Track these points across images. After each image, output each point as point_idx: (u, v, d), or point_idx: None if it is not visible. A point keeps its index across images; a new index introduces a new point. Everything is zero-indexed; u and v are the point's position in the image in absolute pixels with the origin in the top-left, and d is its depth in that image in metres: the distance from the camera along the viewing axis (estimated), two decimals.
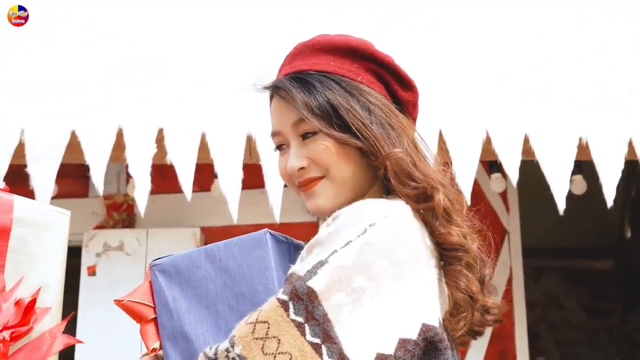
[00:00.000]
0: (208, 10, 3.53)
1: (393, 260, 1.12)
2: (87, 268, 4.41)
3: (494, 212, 5.04)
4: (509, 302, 4.91)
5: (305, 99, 1.28)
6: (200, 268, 1.31)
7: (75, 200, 4.67)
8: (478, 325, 1.25)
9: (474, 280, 1.21)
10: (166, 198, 4.12)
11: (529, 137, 3.08)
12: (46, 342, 1.50)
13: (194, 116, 3.15)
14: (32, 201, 1.55)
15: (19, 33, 3.30)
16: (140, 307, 1.40)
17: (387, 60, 1.36)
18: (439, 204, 1.20)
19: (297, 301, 1.10)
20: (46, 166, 3.05)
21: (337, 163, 1.28)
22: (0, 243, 1.46)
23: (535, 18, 3.50)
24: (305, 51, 1.36)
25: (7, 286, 1.45)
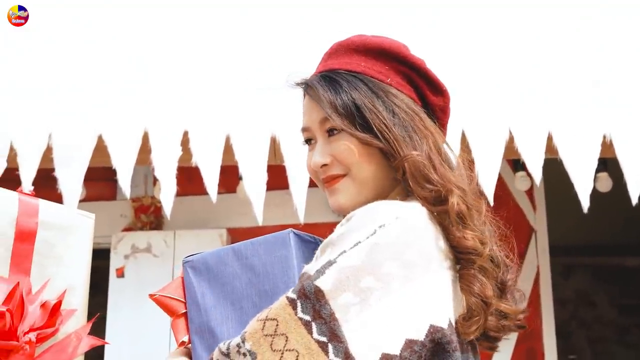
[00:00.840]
0: (230, 13, 3.55)
1: (402, 261, 1.13)
2: (116, 270, 4.46)
3: (520, 210, 5.02)
4: (536, 300, 4.88)
5: (331, 97, 1.30)
6: (228, 265, 1.34)
7: (104, 203, 4.72)
8: (494, 331, 1.25)
9: (488, 285, 1.21)
10: (193, 200, 4.13)
11: (552, 135, 3.06)
12: (72, 343, 1.52)
13: (219, 118, 3.18)
14: (57, 205, 1.58)
15: (41, 40, 3.36)
16: (172, 301, 1.44)
17: (418, 63, 1.36)
18: (452, 207, 1.20)
19: (305, 300, 1.11)
20: (74, 170, 3.10)
21: (359, 162, 1.30)
22: (27, 246, 1.49)
23: (556, 16, 3.48)
24: (340, 50, 1.39)
25: (34, 289, 1.48)
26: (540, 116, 3.12)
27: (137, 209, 4.69)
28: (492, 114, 3.15)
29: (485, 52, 3.38)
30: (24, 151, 3.09)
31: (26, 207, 1.49)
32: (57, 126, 3.16)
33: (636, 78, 3.26)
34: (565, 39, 3.39)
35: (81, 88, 3.27)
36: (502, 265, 1.28)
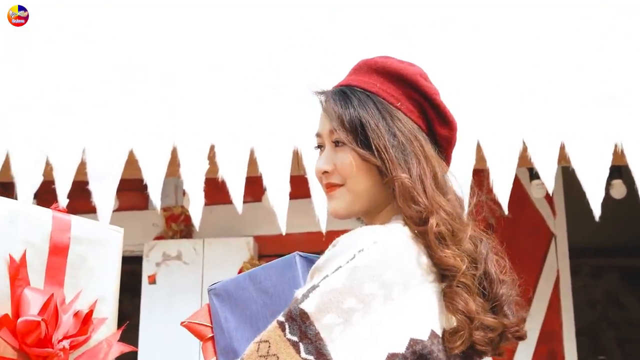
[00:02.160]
0: (251, 30, 3.58)
1: (382, 281, 1.19)
2: (148, 277, 4.52)
3: (540, 215, 5.02)
4: (557, 302, 4.87)
5: (340, 112, 1.36)
6: (245, 290, 1.42)
7: (136, 213, 4.77)
8: (480, 345, 1.27)
9: (470, 301, 1.24)
10: (221, 209, 4.16)
11: (565, 144, 3.07)
12: (103, 350, 1.57)
13: (243, 133, 3.22)
14: (88, 220, 1.63)
15: (73, 62, 3.42)
16: (200, 327, 1.52)
17: (430, 93, 1.39)
18: (431, 228, 1.25)
19: (292, 322, 1.17)
20: (107, 184, 3.15)
21: (356, 176, 1.35)
22: (60, 260, 1.54)
23: (568, 29, 3.48)
24: (363, 68, 1.44)
25: (67, 299, 1.52)
26: (553, 126, 3.12)
27: (168, 218, 4.75)
28: (506, 124, 3.16)
29: (500, 66, 3.39)
30: (59, 166, 3.16)
31: (60, 223, 1.55)
32: (91, 142, 3.22)
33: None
34: (576, 52, 3.39)
35: (113, 106, 3.33)
36: (496, 281, 1.32)
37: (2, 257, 1.43)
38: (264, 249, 4.61)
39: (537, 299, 4.83)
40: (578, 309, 7.30)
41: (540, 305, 4.82)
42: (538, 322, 4.78)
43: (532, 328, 4.76)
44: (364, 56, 1.47)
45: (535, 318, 4.77)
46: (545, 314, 4.83)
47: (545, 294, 4.88)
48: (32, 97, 3.37)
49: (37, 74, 3.42)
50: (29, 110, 3.32)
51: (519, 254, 4.90)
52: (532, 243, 4.98)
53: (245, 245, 4.51)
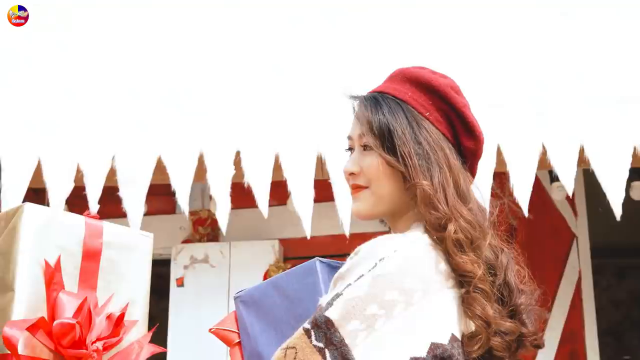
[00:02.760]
0: (275, 38, 3.61)
1: (402, 288, 1.21)
2: (176, 279, 4.57)
3: (561, 217, 5.00)
4: (579, 302, 4.85)
5: (370, 117, 1.40)
6: (269, 296, 1.46)
7: (164, 217, 4.81)
8: (499, 350, 1.29)
9: (488, 306, 1.26)
10: (247, 212, 4.19)
11: (584, 147, 3.07)
12: (135, 351, 1.61)
13: (268, 139, 3.25)
14: (119, 226, 1.66)
15: (103, 72, 3.46)
16: (227, 333, 1.55)
17: (459, 106, 1.41)
18: (449, 235, 1.27)
19: (318, 329, 1.20)
20: (136, 190, 3.19)
21: (380, 180, 1.38)
22: (93, 264, 1.58)
23: (585, 34, 3.47)
24: (398, 77, 1.47)
25: (100, 302, 1.55)
26: (572, 129, 3.12)
27: (195, 222, 4.79)
28: (526, 128, 3.17)
29: (519, 70, 3.39)
30: (90, 172, 3.21)
31: (92, 229, 1.58)
32: (120, 149, 3.27)
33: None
34: (595, 55, 3.38)
35: (141, 113, 3.37)
36: (515, 290, 1.34)
37: (38, 263, 1.47)
38: (289, 252, 4.64)
39: (559, 300, 4.82)
40: (602, 310, 7.26)
41: (562, 306, 4.81)
42: (560, 322, 4.76)
43: (554, 328, 4.74)
44: (390, 61, 1.49)
45: (557, 318, 4.75)
46: (567, 314, 4.81)
47: (567, 295, 4.86)
48: (62, 105, 3.41)
49: (69, 83, 3.47)
50: (60, 118, 3.37)
51: (541, 255, 4.90)
52: (554, 244, 4.96)
53: (271, 248, 4.54)
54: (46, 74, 3.51)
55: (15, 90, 3.45)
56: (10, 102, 3.39)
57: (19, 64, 3.55)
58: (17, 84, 3.47)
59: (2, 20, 3.32)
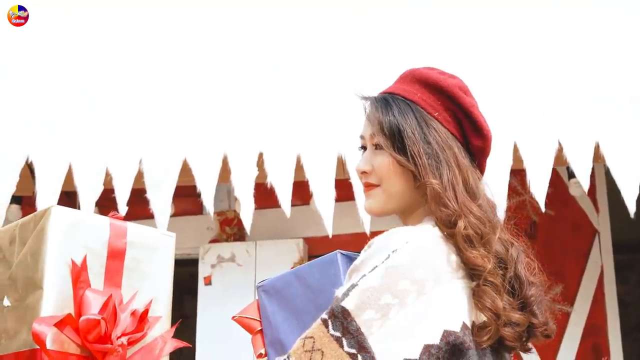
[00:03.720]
0: (294, 41, 3.64)
1: (414, 278, 1.24)
2: (204, 278, 4.62)
3: (583, 213, 4.98)
4: (601, 297, 4.82)
5: (381, 118, 1.42)
6: (292, 287, 1.49)
7: (191, 217, 4.85)
8: (510, 340, 1.31)
9: (497, 298, 1.29)
10: (272, 212, 4.21)
11: (600, 144, 3.07)
12: (159, 345, 1.64)
13: (290, 140, 3.29)
14: (142, 226, 1.69)
15: (131, 74, 3.52)
16: (250, 321, 1.60)
17: (467, 106, 1.44)
18: (459, 231, 1.30)
19: (335, 319, 1.23)
20: (163, 192, 3.24)
21: (391, 178, 1.41)
22: (117, 263, 1.62)
23: (599, 33, 3.46)
24: (407, 77, 1.49)
25: (124, 299, 1.59)
26: (588, 126, 3.12)
27: (222, 222, 4.83)
28: (542, 125, 3.17)
29: (535, 68, 3.39)
30: (118, 176, 3.27)
31: (116, 229, 1.62)
32: (147, 152, 3.32)
33: None
34: (609, 52, 3.37)
35: (167, 118, 3.42)
36: (526, 283, 1.36)
37: (65, 262, 1.51)
38: (313, 250, 4.66)
39: (581, 295, 4.79)
40: (633, 305, 7.18)
41: (585, 301, 4.78)
42: (582, 317, 4.74)
43: (576, 323, 4.72)
44: (407, 62, 1.51)
45: (579, 313, 4.74)
46: (589, 309, 4.78)
47: (589, 290, 4.83)
48: (92, 111, 3.47)
49: (94, 90, 3.52)
50: (90, 124, 3.43)
51: (563, 250, 4.88)
52: (576, 239, 4.94)
53: (295, 247, 4.57)
54: (74, 80, 3.57)
55: (43, 98, 3.51)
56: (41, 110, 3.45)
57: (45, 70, 3.61)
58: (44, 91, 3.54)
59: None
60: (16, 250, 1.60)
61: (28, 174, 3.47)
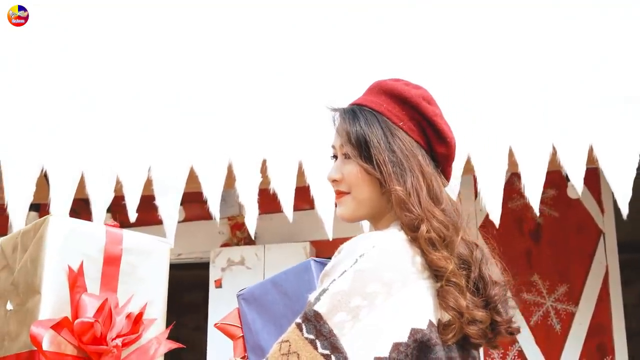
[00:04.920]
0: (297, 49, 3.68)
1: (382, 280, 1.29)
2: (215, 281, 4.68)
3: (588, 214, 4.97)
4: (606, 297, 4.81)
5: (348, 129, 1.48)
6: (269, 294, 1.56)
7: (204, 222, 4.84)
8: (474, 337, 1.36)
9: (461, 298, 1.33)
10: (280, 216, 4.22)
11: (593, 147, 3.09)
12: (153, 347, 1.70)
13: (292, 147, 3.33)
14: (138, 233, 1.76)
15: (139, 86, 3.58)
16: (231, 327, 1.67)
17: (429, 115, 1.49)
18: (422, 234, 1.35)
19: (308, 323, 1.28)
20: (171, 198, 3.31)
21: (359, 186, 1.47)
22: (113, 269, 1.68)
23: (591, 30, 3.46)
24: (375, 89, 1.54)
25: (120, 303, 1.66)
26: (581, 130, 3.13)
27: (233, 227, 4.89)
28: (536, 130, 3.19)
29: (529, 74, 3.40)
30: (128, 183, 3.34)
31: (112, 237, 1.69)
32: (155, 160, 3.38)
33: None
34: (601, 56, 3.37)
35: (175, 127, 3.47)
36: (490, 283, 1.41)
37: (63, 268, 1.58)
38: (320, 253, 4.69)
39: (586, 295, 4.79)
40: None
41: (589, 301, 4.78)
42: (587, 317, 4.74)
43: (581, 322, 4.72)
44: (405, 65, 1.54)
45: (584, 313, 4.73)
46: (594, 309, 4.77)
47: (594, 290, 4.82)
48: (102, 123, 3.54)
49: (106, 104, 3.60)
50: (100, 134, 3.50)
51: (567, 251, 4.88)
52: (581, 240, 4.93)
53: (302, 250, 4.61)
54: (85, 92, 3.64)
55: (55, 110, 3.59)
56: (54, 123, 3.53)
57: (54, 80, 3.68)
58: (56, 103, 3.61)
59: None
60: (18, 257, 1.67)
61: (44, 183, 3.55)
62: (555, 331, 4.70)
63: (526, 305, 4.70)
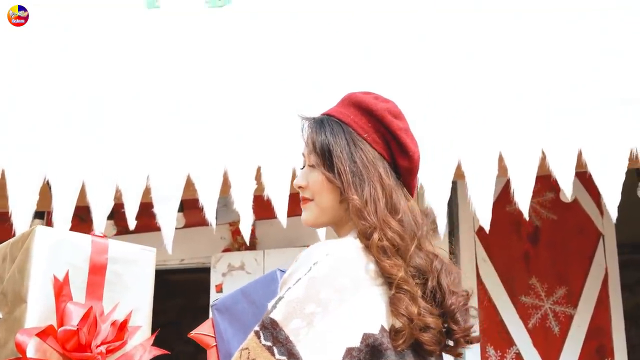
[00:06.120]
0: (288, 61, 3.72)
1: (335, 287, 1.33)
2: (215, 286, 4.71)
3: (587, 216, 4.97)
4: (606, 299, 4.82)
5: (314, 138, 1.54)
6: (239, 304, 1.61)
7: (205, 228, 4.88)
8: (428, 344, 1.39)
9: (412, 305, 1.37)
10: (279, 222, 4.29)
11: (582, 152, 3.10)
12: (138, 353, 1.75)
13: (286, 155, 3.36)
14: (123, 242, 1.81)
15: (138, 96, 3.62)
16: (205, 337, 1.71)
17: (393, 129, 1.53)
18: (373, 242, 1.39)
19: (265, 330, 1.33)
20: (169, 205, 3.35)
21: (322, 194, 1.52)
22: (99, 277, 1.73)
23: (580, 36, 3.47)
24: (345, 101, 1.60)
25: (105, 311, 1.71)
26: (570, 135, 3.14)
27: (234, 232, 4.90)
28: (526, 136, 3.20)
29: (518, 79, 3.41)
30: (127, 192, 3.38)
31: (98, 246, 1.74)
32: (154, 169, 3.41)
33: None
34: (589, 63, 3.38)
35: (171, 136, 3.49)
36: (447, 292, 1.44)
37: (48, 278, 1.63)
38: None
39: (585, 297, 4.79)
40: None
41: (589, 303, 4.77)
42: (586, 319, 4.73)
43: (579, 325, 4.72)
44: (394, 73, 1.53)
45: (582, 315, 4.73)
46: (593, 311, 4.76)
47: (594, 292, 4.82)
48: (102, 133, 3.58)
49: (103, 115, 3.64)
50: (101, 145, 3.54)
51: (566, 254, 4.88)
52: (580, 243, 4.93)
53: None
54: (85, 105, 3.69)
55: (54, 120, 3.65)
56: (55, 135, 3.58)
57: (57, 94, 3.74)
58: (55, 115, 3.67)
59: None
60: (7, 266, 1.72)
61: (48, 191, 3.61)
62: (553, 333, 4.70)
63: (524, 308, 4.70)
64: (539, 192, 4.72)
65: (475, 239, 4.68)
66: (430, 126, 3.30)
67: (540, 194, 4.78)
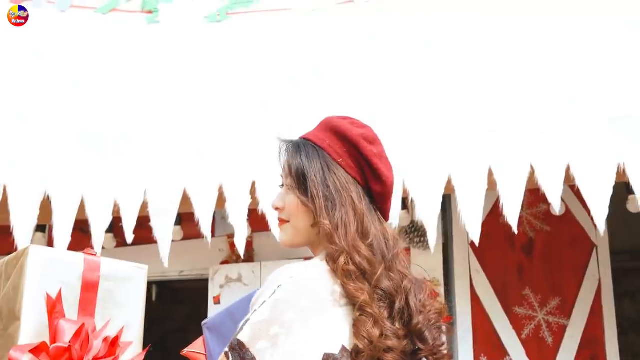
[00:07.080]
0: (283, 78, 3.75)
1: (299, 308, 1.37)
2: (213, 297, 4.74)
3: (581, 227, 4.99)
4: (599, 309, 4.83)
5: (290, 161, 1.56)
6: (225, 323, 1.65)
7: (203, 240, 4.97)
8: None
9: (374, 328, 1.39)
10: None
11: (571, 166, 3.13)
12: None
13: (280, 170, 3.40)
14: (116, 260, 1.84)
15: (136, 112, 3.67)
16: (196, 355, 1.75)
17: (367, 155, 1.54)
18: (339, 266, 1.42)
19: (233, 351, 1.37)
20: (165, 219, 3.40)
21: (297, 216, 1.54)
22: (91, 295, 1.77)
23: (572, 57, 3.52)
24: (322, 125, 1.61)
25: (98, 327, 1.75)
26: (559, 150, 3.17)
27: (232, 244, 4.93)
28: (515, 150, 3.23)
29: (507, 95, 3.45)
30: (125, 206, 3.42)
31: (90, 264, 1.77)
32: (151, 184, 3.45)
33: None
34: (578, 80, 3.42)
35: (169, 152, 3.54)
36: (415, 312, 1.46)
37: (42, 296, 1.67)
38: None
39: (578, 307, 4.80)
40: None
41: (582, 313, 4.79)
42: (579, 328, 4.75)
43: (572, 335, 4.74)
44: (383, 91, 1.53)
45: (576, 325, 4.75)
46: (587, 321, 4.78)
47: (587, 303, 4.83)
48: (101, 148, 3.63)
49: (101, 132, 3.69)
50: (100, 160, 3.59)
51: (560, 265, 4.89)
52: (573, 253, 4.95)
53: None
54: (85, 124, 3.74)
55: (54, 137, 3.69)
56: (53, 148, 3.63)
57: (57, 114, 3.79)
58: (55, 132, 3.72)
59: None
60: (2, 284, 1.75)
61: (49, 205, 3.65)
62: (547, 344, 4.72)
63: (518, 318, 4.73)
64: (532, 204, 4.76)
65: (469, 250, 4.71)
66: (421, 141, 3.34)
67: (533, 205, 4.82)
